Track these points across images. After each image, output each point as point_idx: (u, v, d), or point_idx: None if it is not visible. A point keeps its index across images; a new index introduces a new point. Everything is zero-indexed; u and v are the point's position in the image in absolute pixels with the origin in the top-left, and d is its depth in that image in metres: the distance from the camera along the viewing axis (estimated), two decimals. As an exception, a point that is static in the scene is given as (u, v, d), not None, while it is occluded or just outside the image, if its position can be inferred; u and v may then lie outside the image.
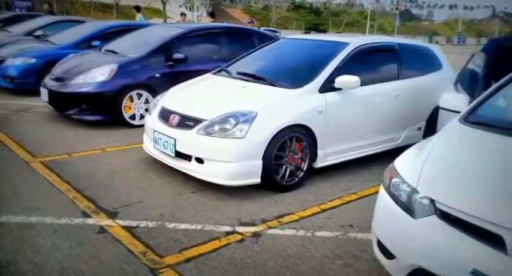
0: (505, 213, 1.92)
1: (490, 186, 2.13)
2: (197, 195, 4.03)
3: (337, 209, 3.83)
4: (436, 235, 2.10)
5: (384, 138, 4.89)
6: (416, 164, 2.45)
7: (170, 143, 4.15)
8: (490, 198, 2.06)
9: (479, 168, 2.31)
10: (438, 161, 2.42)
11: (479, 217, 1.97)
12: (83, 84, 6.10)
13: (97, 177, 4.36)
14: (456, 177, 2.27)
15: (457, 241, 2.01)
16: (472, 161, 2.39)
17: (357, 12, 73.31)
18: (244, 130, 3.80)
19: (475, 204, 2.03)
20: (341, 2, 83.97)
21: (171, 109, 4.37)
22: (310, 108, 4.15)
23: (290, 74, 4.61)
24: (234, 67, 5.16)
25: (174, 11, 54.91)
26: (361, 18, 66.21)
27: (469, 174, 2.26)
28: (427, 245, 2.12)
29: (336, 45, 4.73)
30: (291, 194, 4.11)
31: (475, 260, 1.92)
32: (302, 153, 4.18)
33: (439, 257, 2.04)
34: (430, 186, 2.27)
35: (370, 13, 58.62)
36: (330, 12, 71.64)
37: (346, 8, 76.41)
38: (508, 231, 1.87)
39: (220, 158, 3.85)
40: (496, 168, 2.29)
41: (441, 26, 77.83)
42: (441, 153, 2.50)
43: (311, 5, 71.54)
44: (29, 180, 4.21)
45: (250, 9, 69.37)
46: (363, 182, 4.49)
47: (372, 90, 4.62)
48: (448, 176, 2.31)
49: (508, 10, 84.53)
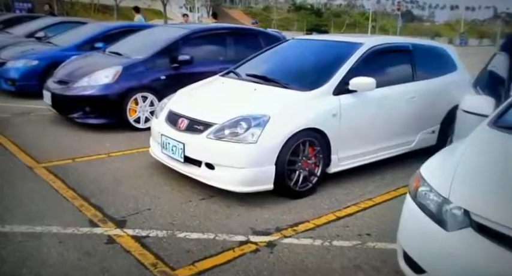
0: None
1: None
2: (207, 202, 3.89)
3: (353, 216, 3.68)
4: (474, 251, 1.96)
5: (397, 141, 4.74)
6: (446, 172, 2.31)
7: (179, 148, 4.00)
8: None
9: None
10: (471, 169, 2.28)
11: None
12: (87, 87, 5.96)
13: (103, 183, 4.22)
14: (493, 186, 2.13)
15: (499, 258, 1.86)
16: (510, 169, 2.24)
17: (358, 13, 73.19)
18: (256, 134, 3.65)
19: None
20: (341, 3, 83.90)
21: (179, 112, 4.23)
22: (324, 112, 4.01)
23: (302, 76, 4.47)
24: (243, 69, 5.02)
25: (175, 12, 54.77)
26: (363, 19, 66.10)
27: (507, 183, 2.11)
28: (464, 261, 1.97)
29: (350, 45, 4.59)
30: (305, 200, 3.97)
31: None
32: (315, 158, 4.03)
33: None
34: (463, 196, 2.12)
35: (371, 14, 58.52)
36: (331, 13, 71.53)
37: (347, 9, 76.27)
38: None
39: (232, 163, 3.71)
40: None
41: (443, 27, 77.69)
42: (473, 160, 2.35)
43: (312, 6, 71.41)
44: (33, 186, 4.07)
45: (250, 10, 69.27)
46: (376, 187, 4.35)
47: (387, 92, 4.47)
48: (484, 184, 2.16)
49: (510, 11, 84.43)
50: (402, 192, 4.24)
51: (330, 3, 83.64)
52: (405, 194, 4.14)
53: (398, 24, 48.48)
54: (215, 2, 55.21)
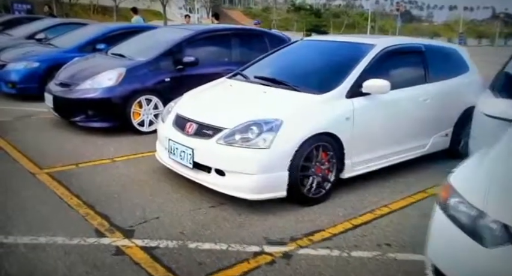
0: None
1: None
2: (217, 209, 3.75)
3: (369, 224, 3.54)
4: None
5: (411, 145, 4.61)
6: (480, 181, 2.17)
7: (187, 153, 3.86)
8: None
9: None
10: (508, 178, 2.13)
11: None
12: (90, 90, 5.82)
13: (108, 189, 4.08)
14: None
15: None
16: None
17: (357, 14, 73.08)
18: (268, 140, 3.52)
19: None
20: (341, 3, 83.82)
21: (187, 116, 4.09)
22: (337, 115, 3.88)
23: (314, 78, 4.34)
24: (250, 71, 4.88)
25: (174, 13, 54.69)
26: (362, 19, 66.01)
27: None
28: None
29: (361, 47, 4.46)
30: (318, 207, 3.83)
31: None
32: (329, 163, 3.90)
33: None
34: (501, 209, 1.98)
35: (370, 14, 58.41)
36: (330, 14, 71.40)
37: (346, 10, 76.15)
38: None
39: (243, 170, 3.57)
40: None
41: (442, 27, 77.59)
42: (510, 168, 2.21)
43: (311, 6, 71.26)
44: (36, 194, 3.93)
45: (250, 10, 69.16)
46: (391, 193, 4.21)
47: (400, 95, 4.34)
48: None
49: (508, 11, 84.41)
50: (418, 198, 4.11)
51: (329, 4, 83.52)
52: (421, 200, 4.09)
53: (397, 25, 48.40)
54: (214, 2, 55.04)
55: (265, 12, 63.11)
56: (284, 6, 70.25)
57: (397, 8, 51.31)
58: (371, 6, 64.14)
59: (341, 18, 68.77)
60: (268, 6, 69.37)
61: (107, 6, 51.66)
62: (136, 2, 42.13)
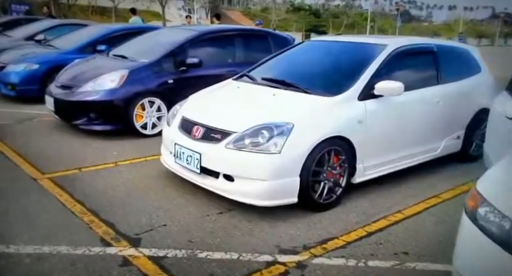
0: None
1: None
2: (226, 216, 3.62)
3: (384, 231, 3.42)
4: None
5: (423, 148, 4.50)
6: (511, 189, 2.05)
7: (194, 158, 3.74)
8: None
9: None
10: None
11: None
12: (92, 92, 5.69)
13: (113, 195, 3.96)
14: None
15: None
16: None
17: (356, 14, 72.97)
18: (279, 144, 3.39)
19: None
20: (339, 4, 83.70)
21: (193, 120, 3.96)
22: (349, 118, 3.76)
23: (325, 80, 4.21)
24: (257, 72, 4.76)
25: (173, 13, 54.50)
26: (361, 19, 65.90)
27: None
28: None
29: (372, 47, 4.34)
30: (330, 213, 3.71)
31: None
32: (340, 167, 3.78)
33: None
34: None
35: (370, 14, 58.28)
36: (329, 14, 71.25)
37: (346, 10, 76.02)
38: None
39: (253, 175, 3.45)
40: None
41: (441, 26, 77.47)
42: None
43: (310, 6, 71.12)
44: (38, 200, 3.80)
45: (249, 11, 69.00)
46: (403, 198, 4.09)
47: (413, 97, 4.22)
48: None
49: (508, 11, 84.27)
50: (432, 203, 3.99)
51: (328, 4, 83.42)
52: (435, 205, 3.97)
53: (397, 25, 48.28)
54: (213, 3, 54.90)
55: (265, 13, 62.96)
56: (283, 7, 70.13)
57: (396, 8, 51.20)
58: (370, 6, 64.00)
59: (340, 19, 68.67)
60: (267, 7, 69.23)
61: (105, 6, 51.50)
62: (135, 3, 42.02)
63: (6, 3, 28.42)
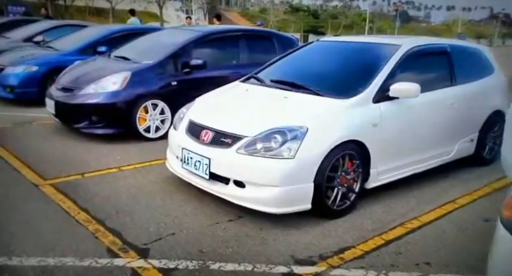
0: None
1: None
2: (236, 224, 3.49)
3: (402, 239, 3.28)
4: None
5: (437, 152, 4.37)
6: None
7: (203, 164, 3.60)
8: None
9: None
10: None
11: None
12: (94, 95, 5.54)
13: (118, 202, 3.81)
14: None
15: None
16: None
17: (354, 14, 72.92)
18: (293, 149, 3.26)
19: None
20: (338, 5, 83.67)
21: (201, 124, 3.82)
22: (364, 121, 3.63)
23: (337, 82, 4.08)
24: (265, 74, 4.63)
25: (170, 14, 54.29)
26: (360, 20, 65.86)
27: None
28: None
29: (385, 47, 4.22)
30: (344, 220, 3.57)
31: None
32: (354, 172, 3.65)
33: None
34: None
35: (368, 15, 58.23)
36: (328, 15, 71.16)
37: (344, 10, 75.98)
38: None
39: (265, 181, 3.31)
40: None
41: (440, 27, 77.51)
42: None
43: (308, 7, 71.05)
44: (40, 208, 3.66)
45: (247, 12, 68.83)
46: (418, 204, 3.96)
47: (428, 99, 4.09)
48: None
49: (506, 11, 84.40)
50: (449, 209, 3.86)
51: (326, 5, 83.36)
52: (453, 212, 3.83)
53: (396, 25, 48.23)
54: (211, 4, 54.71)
55: (263, 14, 62.82)
56: (281, 7, 70.02)
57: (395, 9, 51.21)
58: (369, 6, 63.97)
59: (339, 19, 68.57)
60: (265, 8, 69.08)
61: (102, 8, 51.29)
62: (133, 4, 41.82)
63: (3, 4, 28.17)
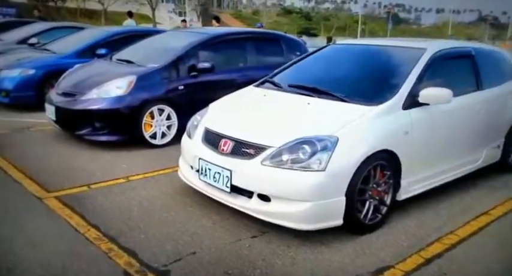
0: None
1: None
2: (261, 241, 3.22)
3: (443, 258, 3.04)
4: None
5: (466, 159, 4.16)
6: None
7: (224, 176, 3.34)
8: None
9: None
10: None
11: None
12: (97, 100, 5.25)
13: (130, 217, 3.53)
14: None
15: None
16: None
17: (346, 16, 73.02)
18: (324, 160, 3.01)
19: None
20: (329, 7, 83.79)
21: (220, 132, 3.56)
22: (395, 129, 3.39)
23: (362, 88, 3.83)
24: (281, 78, 4.37)
25: (163, 16, 53.90)
26: (352, 22, 65.92)
27: None
28: None
29: (410, 51, 4.00)
30: (376, 236, 3.33)
31: None
32: (385, 184, 3.41)
33: None
34: None
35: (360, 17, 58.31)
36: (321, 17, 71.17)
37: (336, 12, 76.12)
38: None
39: (294, 195, 3.06)
40: None
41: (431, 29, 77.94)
42: None
43: (301, 9, 71.01)
44: (46, 225, 3.37)
45: (239, 14, 68.59)
46: (451, 216, 3.73)
47: (457, 104, 3.86)
48: None
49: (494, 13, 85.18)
50: (485, 221, 3.64)
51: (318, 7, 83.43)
52: (490, 224, 3.58)
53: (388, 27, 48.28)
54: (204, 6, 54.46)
55: (256, 15, 62.66)
56: (273, 9, 69.91)
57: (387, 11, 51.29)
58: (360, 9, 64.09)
59: (331, 21, 68.59)
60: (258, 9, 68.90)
61: (94, 9, 50.79)
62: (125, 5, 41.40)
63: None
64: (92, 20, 47.74)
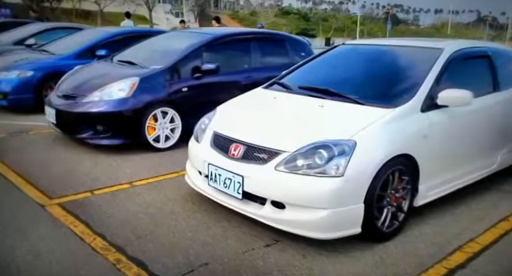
0: None
1: None
2: (275, 250, 3.08)
3: (468, 268, 2.90)
4: None
5: (483, 163, 4.04)
6: None
7: (235, 182, 3.20)
8: None
9: None
10: None
11: None
12: (99, 102, 5.10)
13: (137, 225, 3.38)
14: None
15: None
16: None
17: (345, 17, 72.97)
18: (341, 166, 2.88)
19: None
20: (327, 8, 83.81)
21: (230, 136, 3.42)
22: (414, 133, 3.26)
23: (378, 89, 3.70)
24: (291, 80, 4.23)
25: (160, 17, 53.70)
26: (350, 22, 65.86)
27: None
28: None
29: (426, 51, 3.88)
30: (394, 244, 3.19)
31: None
32: (403, 190, 3.28)
33: None
34: None
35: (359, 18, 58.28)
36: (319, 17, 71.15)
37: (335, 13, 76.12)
38: None
39: (310, 203, 2.92)
40: None
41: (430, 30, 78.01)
42: None
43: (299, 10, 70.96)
44: (50, 234, 3.21)
45: (237, 15, 68.44)
46: (470, 222, 3.60)
47: (475, 106, 3.73)
48: None
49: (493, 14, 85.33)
50: (506, 228, 3.51)
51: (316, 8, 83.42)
52: (510, 232, 3.47)
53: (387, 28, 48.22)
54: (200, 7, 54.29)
55: (253, 16, 62.53)
56: (270, 10, 69.82)
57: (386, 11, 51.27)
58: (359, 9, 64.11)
59: (329, 22, 68.56)
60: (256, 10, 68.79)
61: (89, 10, 50.55)
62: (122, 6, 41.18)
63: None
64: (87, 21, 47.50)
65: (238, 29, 7.64)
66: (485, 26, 74.06)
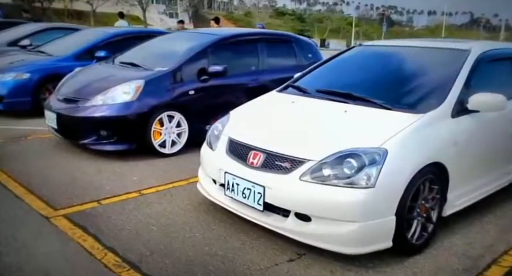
0: None
1: None
2: (299, 265, 2.89)
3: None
4: None
5: (508, 169, 3.87)
6: None
7: (255, 192, 3.00)
8: None
9: None
10: None
11: None
12: (102, 106, 4.88)
13: (150, 238, 3.17)
14: None
15: None
16: None
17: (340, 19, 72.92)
18: (373, 176, 2.69)
19: None
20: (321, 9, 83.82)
21: (247, 143, 3.22)
22: (445, 140, 3.09)
23: (403, 93, 3.50)
24: (307, 83, 4.04)
25: (153, 17, 53.33)
26: (345, 24, 65.84)
27: None
28: None
29: (451, 53, 3.70)
30: (424, 257, 3.01)
31: None
32: (433, 200, 3.10)
33: None
34: None
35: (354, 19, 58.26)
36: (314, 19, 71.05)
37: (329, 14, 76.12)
38: None
39: (339, 215, 2.73)
40: None
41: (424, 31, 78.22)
42: None
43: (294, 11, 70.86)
44: (57, 249, 2.99)
45: (232, 15, 68.14)
46: (499, 232, 3.43)
47: (505, 111, 3.55)
48: None
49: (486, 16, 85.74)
50: (538, 239, 3.33)
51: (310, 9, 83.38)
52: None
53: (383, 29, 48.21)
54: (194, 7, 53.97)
55: (248, 17, 62.32)
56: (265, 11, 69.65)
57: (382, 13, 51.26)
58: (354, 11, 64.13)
59: (324, 23, 68.50)
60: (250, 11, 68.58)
61: (82, 10, 50.07)
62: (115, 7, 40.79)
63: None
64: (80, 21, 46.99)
65: (245, 30, 7.43)
66: (479, 27, 74.47)
